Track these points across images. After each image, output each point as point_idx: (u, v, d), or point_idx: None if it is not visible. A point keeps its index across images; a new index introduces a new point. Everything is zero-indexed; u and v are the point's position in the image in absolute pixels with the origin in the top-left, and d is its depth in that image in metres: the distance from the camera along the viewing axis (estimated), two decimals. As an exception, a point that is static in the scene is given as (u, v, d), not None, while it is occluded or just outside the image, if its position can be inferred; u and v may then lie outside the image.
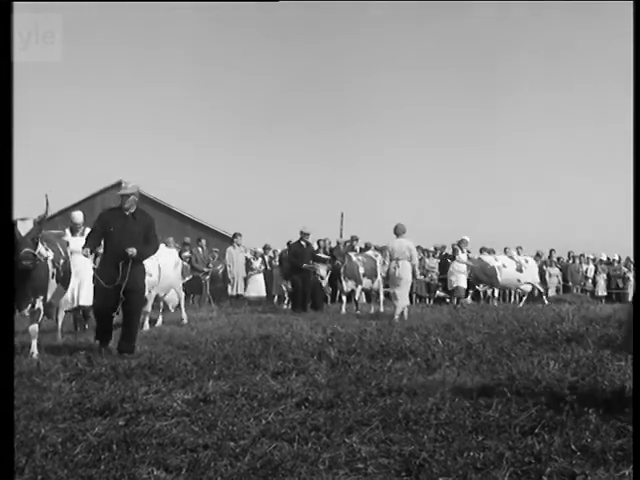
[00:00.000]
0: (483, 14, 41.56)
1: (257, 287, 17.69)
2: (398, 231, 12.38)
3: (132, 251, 7.64)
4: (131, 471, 3.46)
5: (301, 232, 15.55)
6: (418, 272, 13.15)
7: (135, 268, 7.76)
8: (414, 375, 5.84)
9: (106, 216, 7.99)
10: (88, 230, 9.73)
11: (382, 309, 15.09)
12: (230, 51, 49.32)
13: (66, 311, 9.94)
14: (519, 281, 16.93)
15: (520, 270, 16.96)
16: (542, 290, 17.88)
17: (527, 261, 17.48)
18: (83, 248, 7.82)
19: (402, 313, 12.21)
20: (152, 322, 11.21)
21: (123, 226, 7.77)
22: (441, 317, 11.81)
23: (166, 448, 3.83)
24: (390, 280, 12.70)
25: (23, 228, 7.12)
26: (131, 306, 7.81)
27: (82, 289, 9.76)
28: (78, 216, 10.32)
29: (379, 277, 15.34)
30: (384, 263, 14.73)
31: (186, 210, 31.56)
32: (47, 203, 7.43)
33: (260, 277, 17.81)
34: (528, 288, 17.45)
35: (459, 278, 16.01)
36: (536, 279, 17.57)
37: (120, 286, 7.60)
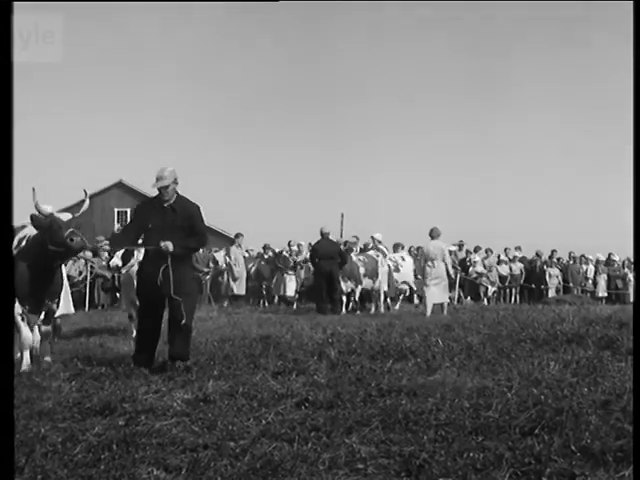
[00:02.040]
0: (484, 15, 41.59)
1: (294, 286, 17.52)
2: (433, 234, 13.82)
3: (167, 245, 6.50)
4: (131, 471, 3.46)
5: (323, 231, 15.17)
6: (452, 271, 14.51)
7: (178, 268, 6.57)
8: (414, 376, 5.84)
9: (143, 210, 6.94)
10: None
11: (382, 310, 15.09)
12: (231, 52, 49.35)
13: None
14: (397, 281, 16.12)
15: (397, 270, 16.28)
16: (415, 290, 16.84)
17: (404, 259, 16.67)
18: (110, 246, 7.25)
19: (442, 307, 13.62)
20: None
21: (162, 220, 6.64)
22: (441, 317, 11.81)
23: (166, 448, 3.83)
24: (425, 278, 13.75)
25: (63, 216, 6.66)
26: (177, 313, 6.60)
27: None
28: (46, 210, 9.58)
29: (380, 277, 15.34)
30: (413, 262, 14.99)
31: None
32: (86, 194, 6.97)
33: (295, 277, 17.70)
34: (405, 287, 16.71)
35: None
36: (411, 278, 16.65)
37: (163, 291, 6.55)
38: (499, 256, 21.16)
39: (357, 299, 15.22)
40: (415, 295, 18.09)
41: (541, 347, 7.32)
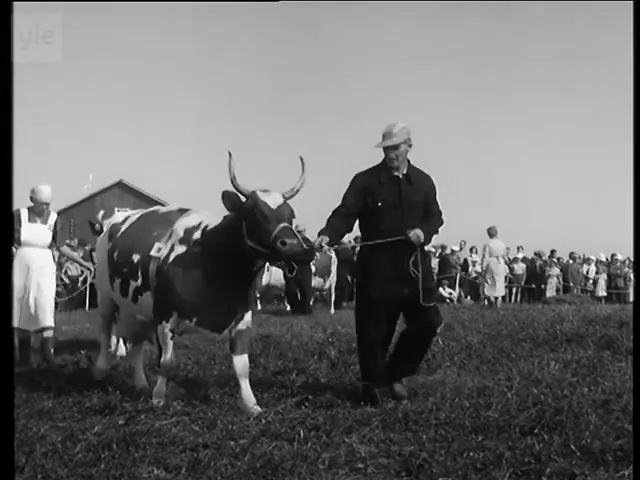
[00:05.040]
0: (485, 10, 41.60)
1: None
2: (493, 232, 15.30)
3: (417, 235, 4.95)
4: (131, 470, 3.46)
5: None
6: (506, 267, 17.14)
7: (424, 263, 5.12)
8: (414, 375, 5.84)
9: (366, 182, 5.08)
10: (54, 216, 7.18)
11: (332, 310, 14.55)
12: (231, 49, 49.35)
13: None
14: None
15: None
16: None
17: None
18: (319, 235, 4.96)
19: (496, 300, 15.45)
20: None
21: (396, 196, 5.01)
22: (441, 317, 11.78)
23: (166, 447, 3.82)
24: (488, 274, 15.50)
25: (271, 200, 4.57)
26: (431, 326, 5.18)
27: (35, 307, 7.01)
28: (45, 191, 7.07)
29: (332, 276, 14.81)
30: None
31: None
32: (302, 163, 4.85)
33: None
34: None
35: None
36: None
37: (402, 295, 5.01)
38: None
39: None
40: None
41: (541, 347, 7.33)
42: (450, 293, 19.25)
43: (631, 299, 20.08)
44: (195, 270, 4.76)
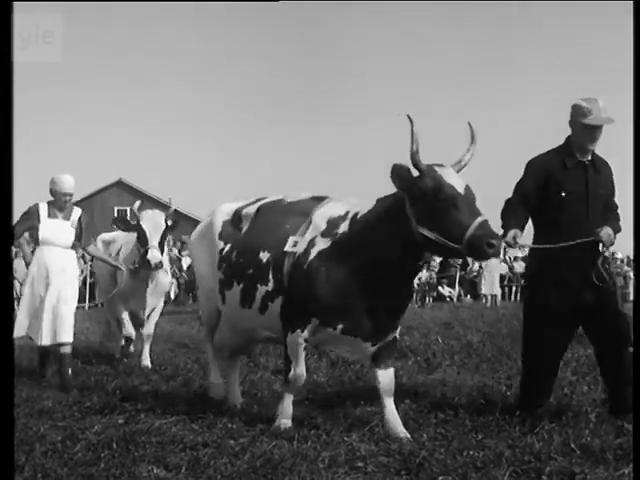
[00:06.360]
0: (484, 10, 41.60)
1: None
2: None
3: (609, 235, 4.23)
4: (131, 469, 3.46)
5: None
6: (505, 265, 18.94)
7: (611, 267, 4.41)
8: (414, 374, 5.84)
9: (548, 167, 4.32)
10: (78, 212, 6.12)
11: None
12: (231, 49, 49.36)
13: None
14: None
15: None
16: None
17: None
18: (506, 230, 4.23)
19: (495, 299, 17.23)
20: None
21: (583, 186, 4.27)
22: (441, 316, 11.81)
23: (166, 446, 3.82)
24: (485, 271, 17.16)
25: (457, 182, 3.80)
26: (613, 333, 4.33)
27: (54, 318, 5.78)
28: (67, 181, 6.10)
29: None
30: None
31: (188, 209, 31.58)
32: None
33: None
34: None
35: None
36: None
37: (586, 303, 4.30)
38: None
39: None
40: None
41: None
42: (450, 292, 19.27)
43: (631, 297, 20.06)
44: (343, 268, 3.97)
